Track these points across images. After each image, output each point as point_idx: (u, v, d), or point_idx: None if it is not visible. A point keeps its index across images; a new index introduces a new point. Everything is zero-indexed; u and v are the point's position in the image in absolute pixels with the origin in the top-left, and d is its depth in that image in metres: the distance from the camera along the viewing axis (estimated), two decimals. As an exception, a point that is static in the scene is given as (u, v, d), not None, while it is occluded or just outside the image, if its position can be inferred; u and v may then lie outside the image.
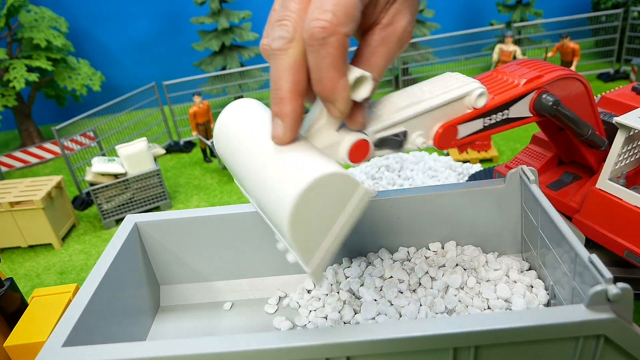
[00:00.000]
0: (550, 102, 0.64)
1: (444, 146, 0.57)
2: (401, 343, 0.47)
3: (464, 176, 1.26)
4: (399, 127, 0.52)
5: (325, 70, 0.40)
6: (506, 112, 0.63)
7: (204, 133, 1.57)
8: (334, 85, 0.41)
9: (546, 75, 0.65)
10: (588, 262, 0.49)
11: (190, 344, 0.49)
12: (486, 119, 0.61)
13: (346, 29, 0.39)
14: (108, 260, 0.65)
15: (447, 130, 0.56)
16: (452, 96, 0.55)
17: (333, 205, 0.42)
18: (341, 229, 0.44)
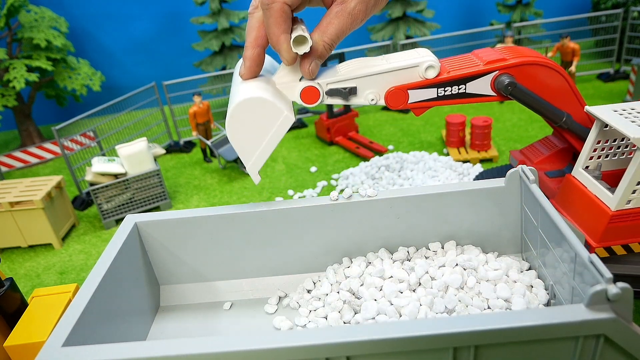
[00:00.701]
0: (505, 82, 0.70)
1: (394, 105, 0.69)
2: (401, 343, 0.47)
3: (464, 176, 1.26)
4: (349, 82, 0.66)
5: (270, 26, 0.57)
6: (462, 87, 0.71)
7: (204, 133, 1.57)
8: (277, 38, 0.58)
9: (511, 60, 0.71)
10: (588, 261, 0.49)
11: (190, 344, 0.49)
12: (440, 89, 0.70)
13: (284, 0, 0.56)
14: (108, 260, 0.65)
15: (396, 91, 0.68)
16: (403, 65, 0.67)
17: (261, 122, 0.61)
18: (268, 141, 0.62)
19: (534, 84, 0.73)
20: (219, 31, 1.93)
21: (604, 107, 0.71)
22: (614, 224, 0.69)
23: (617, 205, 0.68)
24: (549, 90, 0.74)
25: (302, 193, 1.34)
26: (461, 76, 0.70)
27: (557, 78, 0.73)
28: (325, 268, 0.76)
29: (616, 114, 0.69)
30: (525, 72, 0.72)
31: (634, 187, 0.66)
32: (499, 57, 0.72)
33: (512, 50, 0.75)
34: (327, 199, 0.72)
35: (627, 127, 0.65)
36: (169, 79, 1.81)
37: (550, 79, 0.73)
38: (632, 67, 1.58)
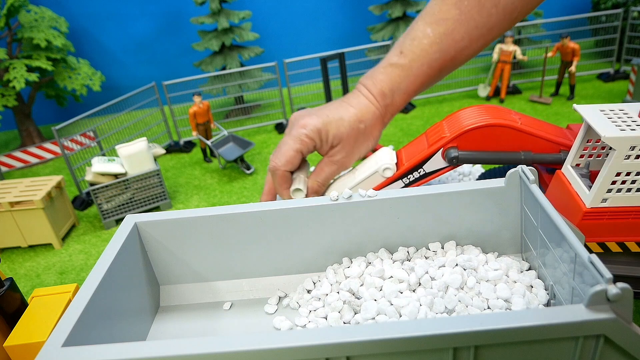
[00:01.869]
0: (451, 156, 0.81)
1: None
2: (401, 343, 0.47)
3: (464, 176, 1.26)
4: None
5: (276, 185, 0.83)
6: (421, 170, 0.84)
7: (204, 133, 1.57)
8: (281, 192, 0.83)
9: (449, 135, 0.81)
10: (588, 262, 0.49)
11: (190, 344, 0.49)
12: (404, 179, 0.85)
13: (284, 168, 0.81)
14: (108, 260, 0.65)
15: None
16: (365, 175, 0.85)
17: None
18: None
19: (477, 144, 0.81)
20: (219, 31, 1.94)
21: (591, 107, 0.72)
22: (588, 221, 0.69)
23: (591, 203, 0.68)
24: (496, 143, 0.81)
25: (302, 193, 1.34)
26: (413, 164, 0.83)
27: (498, 131, 0.80)
28: (325, 268, 0.76)
29: (601, 114, 0.70)
30: (465, 139, 0.81)
31: (608, 186, 0.67)
32: (439, 136, 0.83)
33: (456, 119, 0.84)
34: (327, 199, 0.72)
35: (601, 127, 0.66)
36: (169, 79, 1.81)
37: (492, 135, 0.80)
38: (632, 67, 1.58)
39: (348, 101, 0.83)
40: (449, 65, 0.79)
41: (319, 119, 0.80)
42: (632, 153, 0.65)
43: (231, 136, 1.56)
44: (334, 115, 0.81)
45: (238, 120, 1.93)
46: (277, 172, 0.80)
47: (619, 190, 0.68)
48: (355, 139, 0.81)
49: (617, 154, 0.65)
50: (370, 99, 0.82)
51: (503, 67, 1.79)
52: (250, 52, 1.97)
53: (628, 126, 0.66)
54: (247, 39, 1.94)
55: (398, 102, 0.82)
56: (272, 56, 2.16)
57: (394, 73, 0.80)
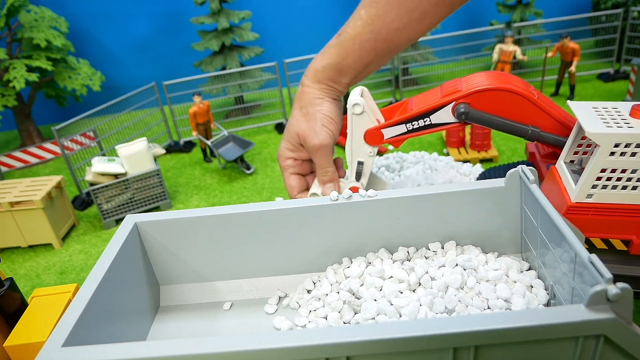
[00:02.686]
0: (461, 110, 0.79)
1: (374, 143, 0.86)
2: (401, 343, 0.47)
3: (464, 176, 1.26)
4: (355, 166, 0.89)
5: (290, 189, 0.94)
6: (427, 119, 0.82)
7: (204, 133, 1.57)
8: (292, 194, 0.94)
9: (464, 90, 0.79)
10: (588, 262, 0.49)
11: (190, 344, 0.49)
12: (409, 124, 0.83)
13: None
14: (108, 260, 0.65)
15: (370, 133, 0.85)
16: (349, 121, 0.84)
17: None
18: None
19: (490, 107, 0.80)
20: (219, 31, 1.93)
21: (585, 103, 0.72)
22: (571, 216, 0.69)
23: (576, 197, 0.68)
24: (508, 110, 0.79)
25: (302, 193, 1.34)
26: (423, 111, 0.82)
27: (514, 98, 0.78)
28: (325, 268, 0.76)
29: (592, 111, 0.70)
30: (479, 98, 0.79)
31: (593, 182, 0.67)
32: (454, 89, 0.81)
33: (478, 77, 0.82)
34: (328, 199, 0.72)
35: (588, 123, 0.66)
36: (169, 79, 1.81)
37: (506, 101, 0.79)
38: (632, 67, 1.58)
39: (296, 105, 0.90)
40: (384, 47, 0.82)
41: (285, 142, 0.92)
42: (616, 150, 0.65)
43: (231, 136, 1.56)
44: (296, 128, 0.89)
45: (238, 120, 1.93)
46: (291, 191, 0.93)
47: (605, 187, 0.68)
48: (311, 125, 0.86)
49: (602, 150, 0.65)
50: (304, 83, 0.89)
51: (503, 67, 1.79)
52: (250, 52, 1.97)
53: (616, 123, 0.66)
54: (247, 39, 1.94)
55: (331, 75, 0.86)
56: (272, 56, 2.16)
57: (330, 52, 0.86)
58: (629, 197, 0.67)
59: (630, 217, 0.68)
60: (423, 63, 1.95)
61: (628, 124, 0.66)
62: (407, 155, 1.38)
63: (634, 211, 0.68)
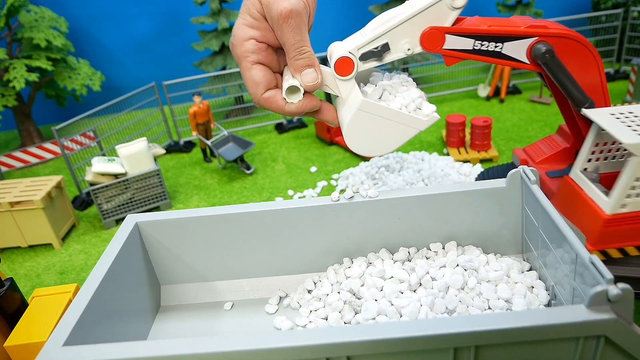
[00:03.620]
0: (543, 50, 0.67)
1: (430, 47, 0.65)
2: (401, 343, 0.47)
3: (465, 176, 1.26)
4: (380, 40, 0.62)
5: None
6: (499, 45, 0.68)
7: (204, 133, 1.57)
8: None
9: (551, 29, 0.68)
10: (589, 262, 0.49)
11: (190, 344, 0.49)
12: (477, 42, 0.68)
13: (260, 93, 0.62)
14: (108, 260, 0.65)
15: (432, 32, 0.64)
16: (429, 2, 0.62)
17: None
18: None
19: (568, 60, 0.69)
20: (219, 31, 1.93)
21: (602, 110, 0.71)
22: (609, 228, 0.69)
23: (611, 209, 0.68)
24: (581, 72, 0.70)
25: (302, 193, 1.34)
26: (500, 32, 0.68)
27: (592, 62, 0.70)
28: (326, 268, 0.76)
29: (612, 118, 0.69)
30: (565, 45, 0.68)
31: (627, 191, 0.66)
32: (540, 24, 0.69)
33: (553, 23, 0.72)
34: (328, 199, 0.72)
35: (621, 133, 0.65)
36: (169, 79, 1.81)
37: (585, 60, 0.70)
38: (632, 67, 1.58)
39: None
40: None
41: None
42: None
43: (231, 136, 1.56)
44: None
45: (238, 120, 1.93)
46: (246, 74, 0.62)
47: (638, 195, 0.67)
48: None
49: (638, 160, 0.64)
50: None
51: (503, 67, 1.79)
52: (250, 52, 1.97)
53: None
54: (247, 39, 1.94)
55: None
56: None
57: None
58: None
59: None
60: (423, 63, 1.95)
61: None
62: (407, 156, 1.38)
63: None
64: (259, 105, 0.63)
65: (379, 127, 0.63)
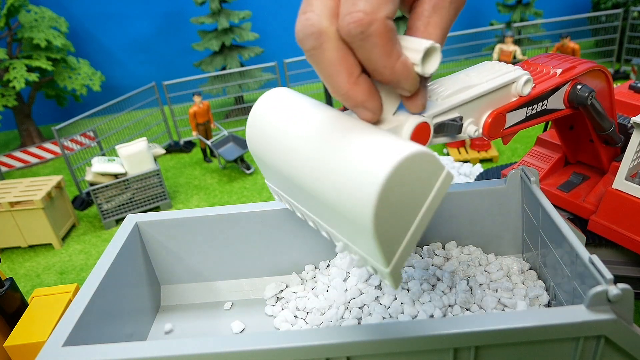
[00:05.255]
0: (586, 93, 0.62)
1: (493, 135, 0.55)
2: (401, 343, 0.47)
3: (465, 177, 1.26)
4: (455, 111, 0.49)
5: (377, 61, 0.36)
6: (545, 102, 0.61)
7: (204, 133, 1.57)
8: (392, 70, 0.37)
9: (579, 67, 0.64)
10: (588, 262, 0.49)
11: (190, 344, 0.49)
12: (529, 109, 0.59)
13: (385, 12, 0.35)
14: (108, 260, 0.65)
15: (496, 117, 0.54)
16: (502, 81, 0.53)
17: (417, 192, 0.37)
18: (422, 219, 0.38)
19: (598, 91, 0.66)
20: (219, 31, 1.93)
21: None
22: None
23: None
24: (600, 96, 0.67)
25: (302, 193, 1.34)
26: (546, 89, 0.60)
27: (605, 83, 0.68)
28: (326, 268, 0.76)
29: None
30: (590, 79, 0.65)
31: None
32: (569, 66, 0.63)
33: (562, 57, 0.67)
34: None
35: None
36: (169, 79, 1.81)
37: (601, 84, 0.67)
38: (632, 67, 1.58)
39: None
40: None
41: None
42: None
43: (231, 136, 1.56)
44: None
45: (238, 120, 1.93)
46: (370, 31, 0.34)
47: None
48: None
49: None
50: None
51: (503, 67, 1.79)
52: (250, 52, 1.97)
53: None
54: (247, 39, 1.94)
55: None
56: (272, 56, 2.16)
57: None
58: None
59: None
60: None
61: None
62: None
63: None
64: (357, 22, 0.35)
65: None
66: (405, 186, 0.36)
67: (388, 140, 0.37)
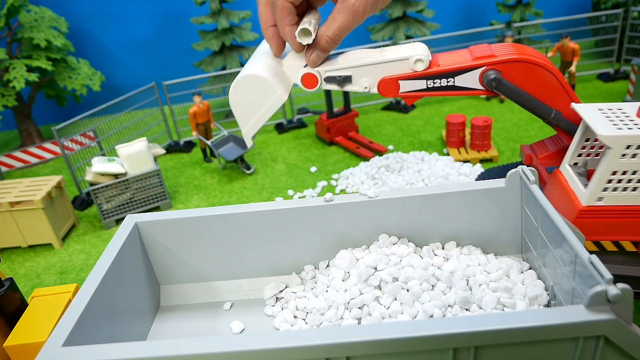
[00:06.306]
0: (490, 77, 0.74)
1: (386, 93, 0.75)
2: (401, 343, 0.47)
3: (465, 176, 1.26)
4: (345, 71, 0.73)
5: (277, 20, 0.66)
6: (451, 79, 0.76)
7: (204, 133, 1.57)
8: (282, 30, 0.66)
9: (498, 57, 0.75)
10: (588, 262, 0.49)
11: (190, 344, 0.49)
12: (430, 81, 0.75)
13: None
14: (108, 260, 0.65)
15: (388, 81, 0.74)
16: (394, 57, 0.72)
17: (258, 96, 0.69)
18: (262, 114, 0.71)
19: (520, 80, 0.75)
20: (219, 31, 1.93)
21: (590, 105, 0.72)
22: (583, 219, 0.70)
23: (587, 201, 0.68)
24: (537, 87, 0.76)
25: (302, 193, 1.34)
26: (450, 70, 0.75)
27: (546, 75, 0.75)
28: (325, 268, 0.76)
29: (599, 113, 0.70)
30: (512, 68, 0.75)
31: (604, 184, 0.67)
32: (487, 54, 0.76)
33: (508, 47, 0.78)
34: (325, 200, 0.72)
35: (598, 125, 0.66)
36: (169, 79, 1.81)
37: (538, 76, 0.75)
38: (632, 67, 1.58)
39: None
40: None
41: None
42: (628, 152, 0.65)
43: (231, 136, 1.56)
44: None
45: (238, 120, 1.93)
46: (277, 3, 0.64)
47: (615, 189, 0.68)
48: None
49: (614, 153, 0.65)
50: None
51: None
52: (250, 52, 1.97)
53: (625, 125, 0.66)
54: (247, 39, 1.94)
55: None
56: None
57: None
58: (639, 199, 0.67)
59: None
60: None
61: (637, 125, 0.66)
62: (407, 155, 1.38)
63: None
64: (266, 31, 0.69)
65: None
66: (249, 89, 0.69)
67: (257, 64, 0.70)
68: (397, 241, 0.74)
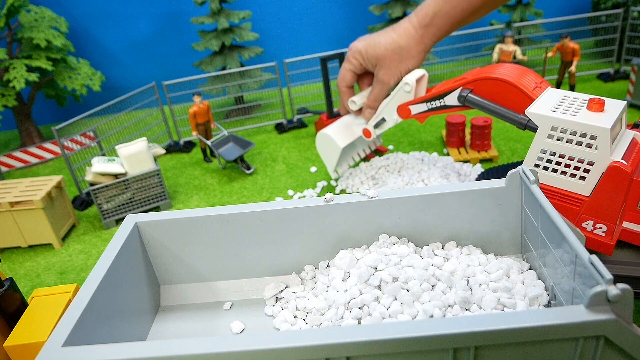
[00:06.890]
0: (461, 95, 0.92)
1: (404, 116, 1.06)
2: (401, 343, 0.47)
3: (465, 176, 1.26)
4: (380, 116, 1.11)
5: (340, 100, 1.17)
6: (442, 100, 0.97)
7: (204, 133, 1.57)
8: (344, 103, 1.14)
9: (471, 77, 0.90)
10: (588, 262, 0.49)
11: (190, 344, 0.49)
12: (428, 104, 1.00)
13: (341, 85, 1.14)
14: (108, 260, 0.65)
15: (402, 109, 1.05)
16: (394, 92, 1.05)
17: (328, 143, 1.16)
18: (333, 155, 1.18)
19: (489, 94, 0.88)
20: (219, 31, 1.93)
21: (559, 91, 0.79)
22: None
23: None
24: (505, 100, 0.86)
25: (302, 193, 1.34)
26: (437, 93, 0.97)
27: (509, 89, 0.85)
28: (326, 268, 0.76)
29: (557, 97, 0.76)
30: (480, 85, 0.89)
31: (534, 161, 0.74)
32: (464, 77, 0.93)
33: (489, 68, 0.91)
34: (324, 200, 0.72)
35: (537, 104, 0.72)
36: (169, 79, 1.81)
37: (502, 90, 0.86)
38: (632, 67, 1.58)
39: (393, 27, 1.02)
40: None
41: (361, 42, 1.04)
42: (553, 133, 0.70)
43: (231, 136, 1.56)
44: (374, 39, 1.01)
45: (238, 120, 1.93)
46: (339, 89, 1.12)
47: (546, 169, 0.73)
48: (392, 59, 1.00)
49: (540, 131, 0.71)
50: (411, 22, 0.99)
51: (503, 67, 1.79)
52: (250, 52, 1.97)
53: (566, 110, 0.71)
54: (247, 39, 1.94)
55: (439, 24, 0.96)
56: (272, 56, 2.16)
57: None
58: (560, 182, 0.72)
59: (562, 202, 0.73)
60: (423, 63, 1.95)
61: (576, 113, 0.70)
62: (407, 156, 1.37)
63: (565, 197, 0.72)
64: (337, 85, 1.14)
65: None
66: (325, 139, 1.16)
67: (333, 124, 1.17)
68: (397, 241, 0.74)
